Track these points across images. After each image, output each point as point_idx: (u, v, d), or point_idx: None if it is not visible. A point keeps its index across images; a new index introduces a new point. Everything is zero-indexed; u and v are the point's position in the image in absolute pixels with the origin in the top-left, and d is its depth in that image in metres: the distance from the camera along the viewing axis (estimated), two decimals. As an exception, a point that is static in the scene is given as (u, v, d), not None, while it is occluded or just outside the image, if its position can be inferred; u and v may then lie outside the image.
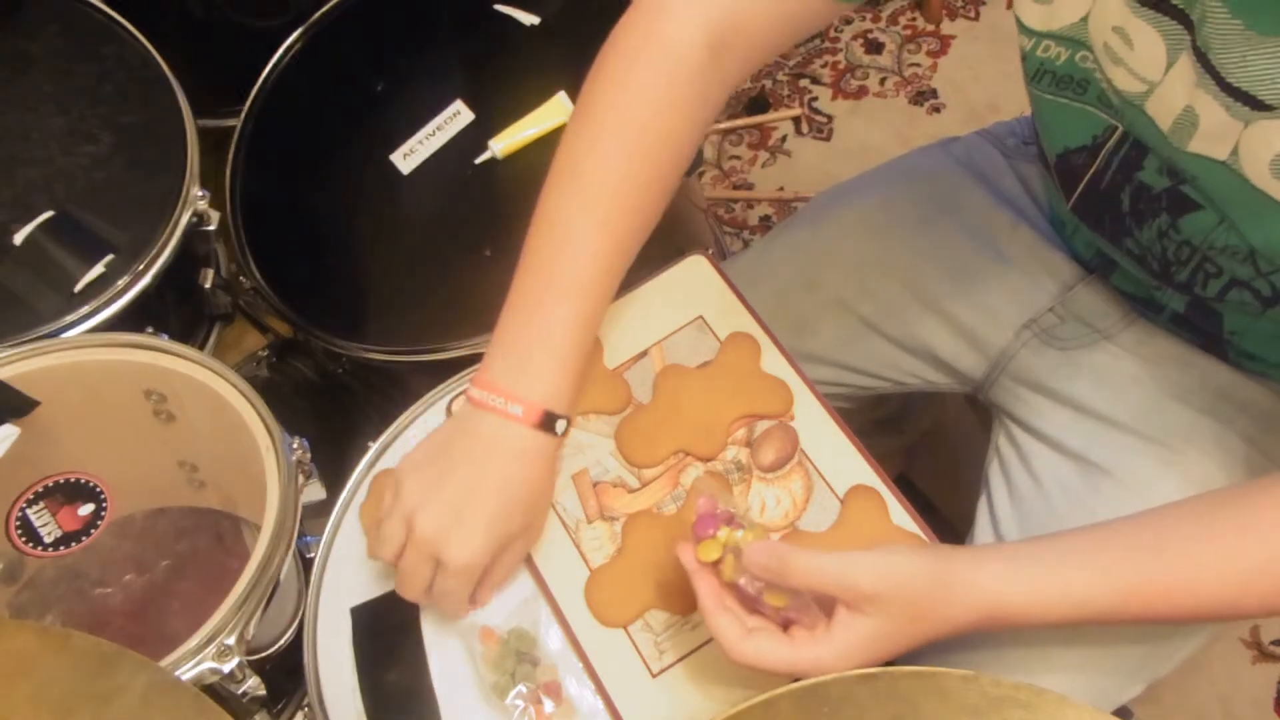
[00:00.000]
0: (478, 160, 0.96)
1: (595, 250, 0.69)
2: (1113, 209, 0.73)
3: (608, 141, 0.69)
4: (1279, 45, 0.55)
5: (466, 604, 0.70)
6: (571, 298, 0.68)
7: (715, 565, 0.62)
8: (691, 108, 0.71)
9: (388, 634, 0.72)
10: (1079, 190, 0.75)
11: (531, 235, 0.70)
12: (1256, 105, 0.57)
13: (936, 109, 1.70)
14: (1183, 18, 0.59)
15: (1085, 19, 0.65)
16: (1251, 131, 0.58)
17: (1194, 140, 0.62)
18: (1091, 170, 0.73)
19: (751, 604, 0.62)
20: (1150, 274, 0.74)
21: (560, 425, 0.68)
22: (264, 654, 0.75)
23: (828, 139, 1.70)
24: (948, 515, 1.14)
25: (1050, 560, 0.61)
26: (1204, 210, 0.65)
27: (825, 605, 0.60)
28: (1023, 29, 0.69)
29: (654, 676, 0.69)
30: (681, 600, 0.71)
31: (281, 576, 0.71)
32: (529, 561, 0.73)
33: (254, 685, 0.71)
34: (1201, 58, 0.58)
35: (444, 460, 0.68)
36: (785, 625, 0.61)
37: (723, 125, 1.70)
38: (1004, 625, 0.60)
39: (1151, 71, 0.63)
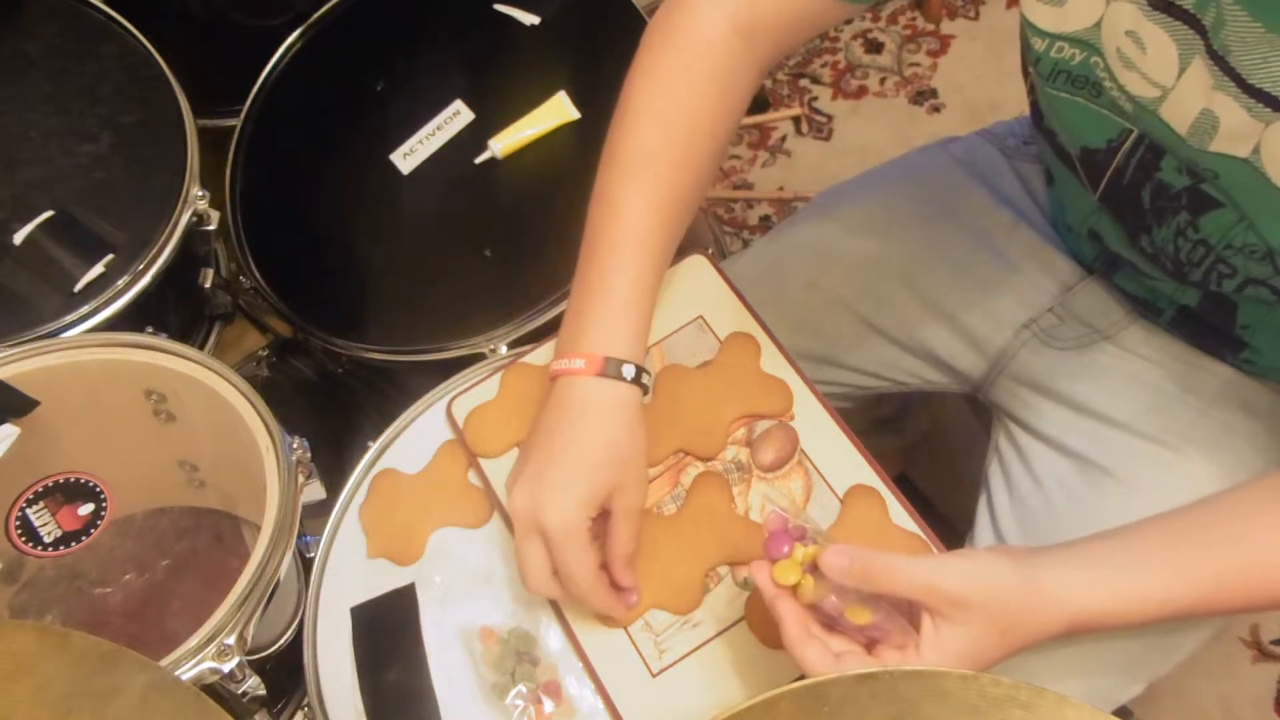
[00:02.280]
0: (477, 160, 0.96)
1: (637, 210, 0.72)
2: (1136, 204, 0.73)
3: (643, 124, 0.73)
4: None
5: (605, 587, 0.67)
6: (619, 253, 0.71)
7: (792, 589, 0.59)
8: (718, 89, 0.74)
9: (388, 634, 0.72)
10: (1103, 183, 0.75)
11: (588, 221, 0.74)
12: (1278, 106, 0.57)
13: (936, 109, 1.70)
14: (1194, 22, 0.59)
15: (1098, 24, 0.65)
16: (1273, 131, 0.58)
17: (1215, 141, 0.61)
18: (1112, 168, 0.73)
19: (833, 625, 0.59)
20: (1164, 273, 0.74)
21: (628, 370, 0.68)
22: (264, 654, 0.75)
23: (828, 139, 1.70)
24: (948, 515, 1.14)
25: (1129, 566, 0.60)
26: (1224, 209, 0.65)
27: (910, 620, 0.58)
28: (1035, 31, 0.69)
29: (654, 676, 0.69)
30: (681, 600, 0.71)
31: (281, 576, 0.71)
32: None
33: (254, 685, 0.71)
34: (1220, 61, 0.58)
35: (530, 439, 0.70)
36: (869, 645, 0.59)
37: (723, 125, 1.71)
38: (1086, 631, 0.60)
39: (1164, 76, 0.62)
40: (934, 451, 1.29)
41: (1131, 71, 0.64)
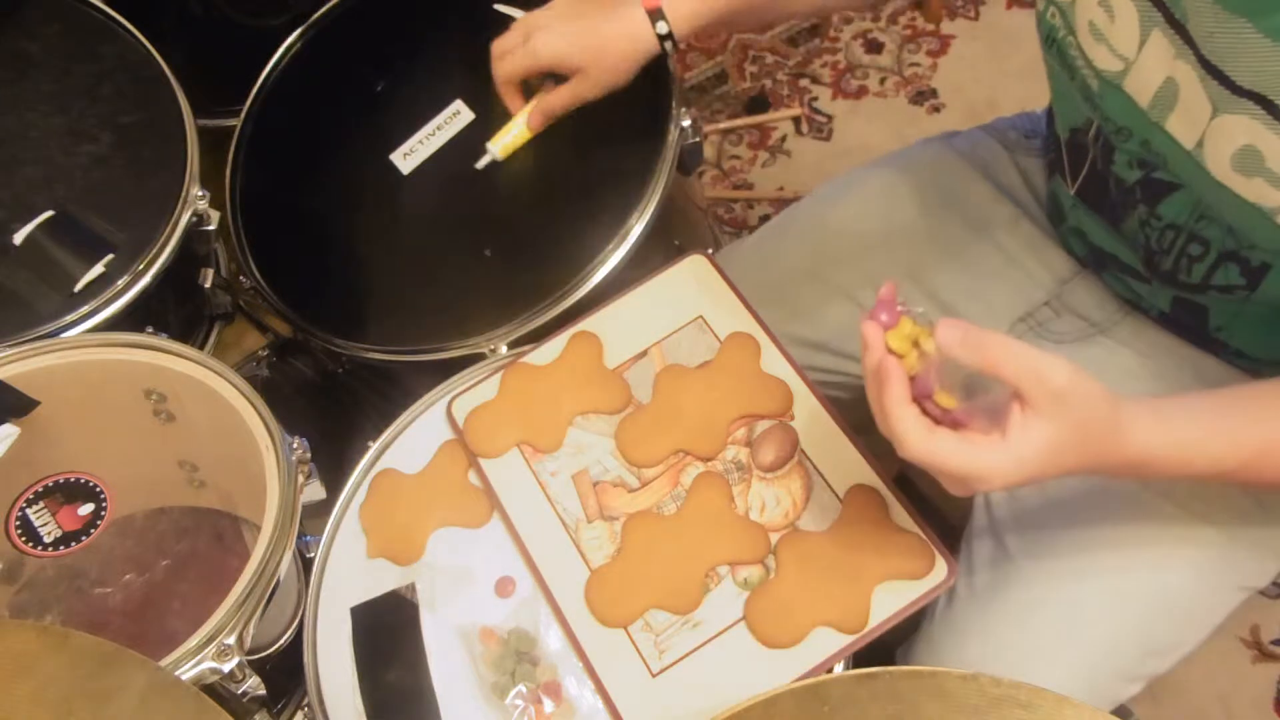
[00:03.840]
0: (479, 164, 0.96)
1: None
2: (1106, 196, 0.74)
3: None
4: (1241, 26, 0.56)
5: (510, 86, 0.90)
6: None
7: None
8: None
9: (388, 634, 0.72)
10: (1083, 173, 0.76)
11: None
12: (1230, 87, 0.58)
13: (936, 109, 1.70)
14: None
15: None
16: (1216, 124, 0.59)
17: (1173, 116, 0.63)
18: (1090, 157, 0.74)
19: (920, 402, 0.58)
20: (1142, 265, 0.75)
21: (662, 26, 0.84)
22: (264, 654, 0.75)
23: (828, 139, 1.69)
24: (947, 515, 1.14)
25: (1194, 422, 0.61)
26: (1181, 189, 0.66)
27: (996, 415, 0.57)
28: None
29: (654, 676, 0.69)
30: (681, 600, 0.71)
31: (281, 576, 0.71)
32: (529, 561, 0.73)
33: (254, 685, 0.71)
34: (1180, 29, 0.60)
35: None
36: (952, 428, 0.58)
37: (722, 125, 1.70)
38: (1147, 475, 0.61)
39: (1128, 47, 0.64)
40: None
41: (1100, 45, 0.66)
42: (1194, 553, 0.74)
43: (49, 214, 0.88)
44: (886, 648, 0.73)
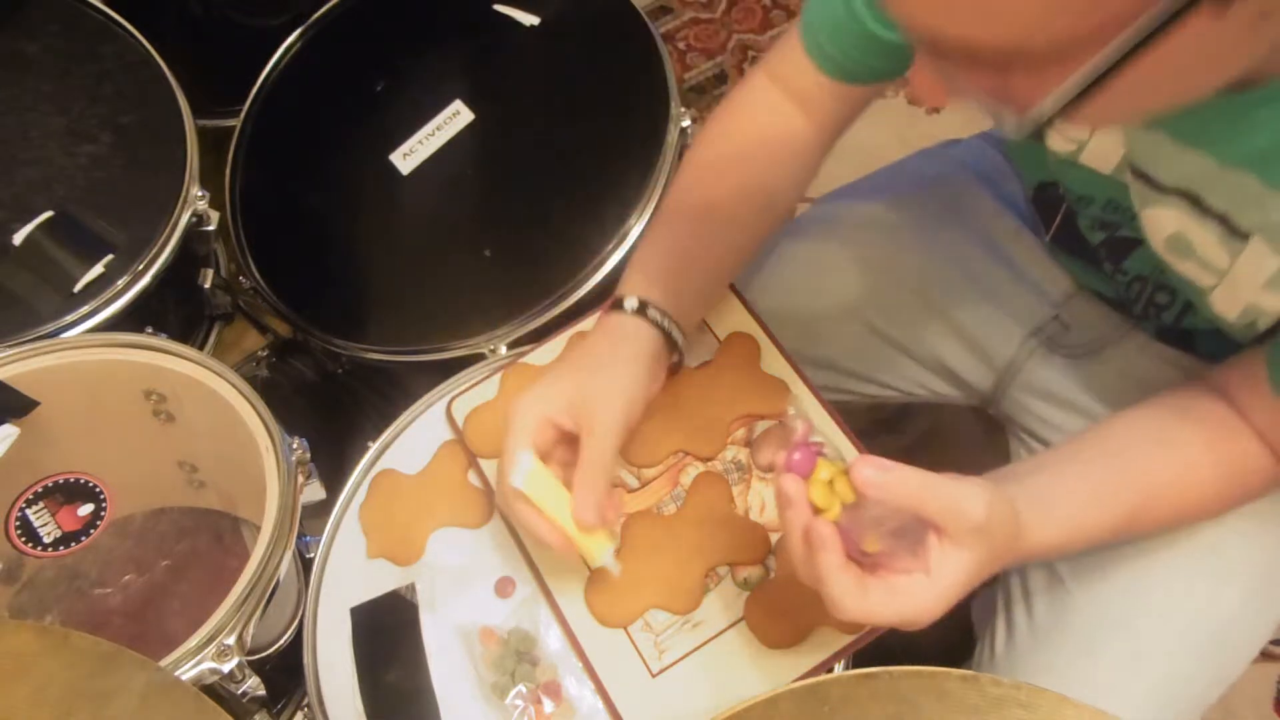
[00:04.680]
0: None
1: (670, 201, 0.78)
2: (1079, 243, 0.75)
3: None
4: (1160, 138, 0.57)
5: (520, 501, 0.67)
6: (654, 226, 0.78)
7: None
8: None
9: (388, 634, 0.72)
10: (1055, 224, 0.77)
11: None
12: (1152, 185, 0.60)
13: (936, 109, 1.69)
14: None
15: None
16: (1146, 214, 0.61)
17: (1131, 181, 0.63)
18: (1063, 206, 0.74)
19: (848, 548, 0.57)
20: (1118, 304, 0.77)
21: (629, 303, 0.71)
22: (264, 654, 0.75)
23: (827, 139, 1.70)
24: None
25: (1070, 496, 0.63)
26: (1143, 244, 0.66)
27: (913, 547, 0.56)
28: None
29: (654, 676, 0.69)
30: (681, 600, 0.71)
31: (281, 576, 0.71)
32: (529, 561, 0.73)
33: (254, 685, 0.71)
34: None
35: None
36: (870, 569, 0.57)
37: (723, 125, 1.70)
38: (1051, 558, 0.64)
39: (1078, 133, 0.65)
40: (934, 453, 1.29)
41: (1052, 131, 0.66)
42: (1243, 572, 0.73)
43: (49, 214, 0.88)
44: (887, 648, 0.72)
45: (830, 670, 0.68)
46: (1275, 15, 0.42)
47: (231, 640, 0.68)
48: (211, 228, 0.92)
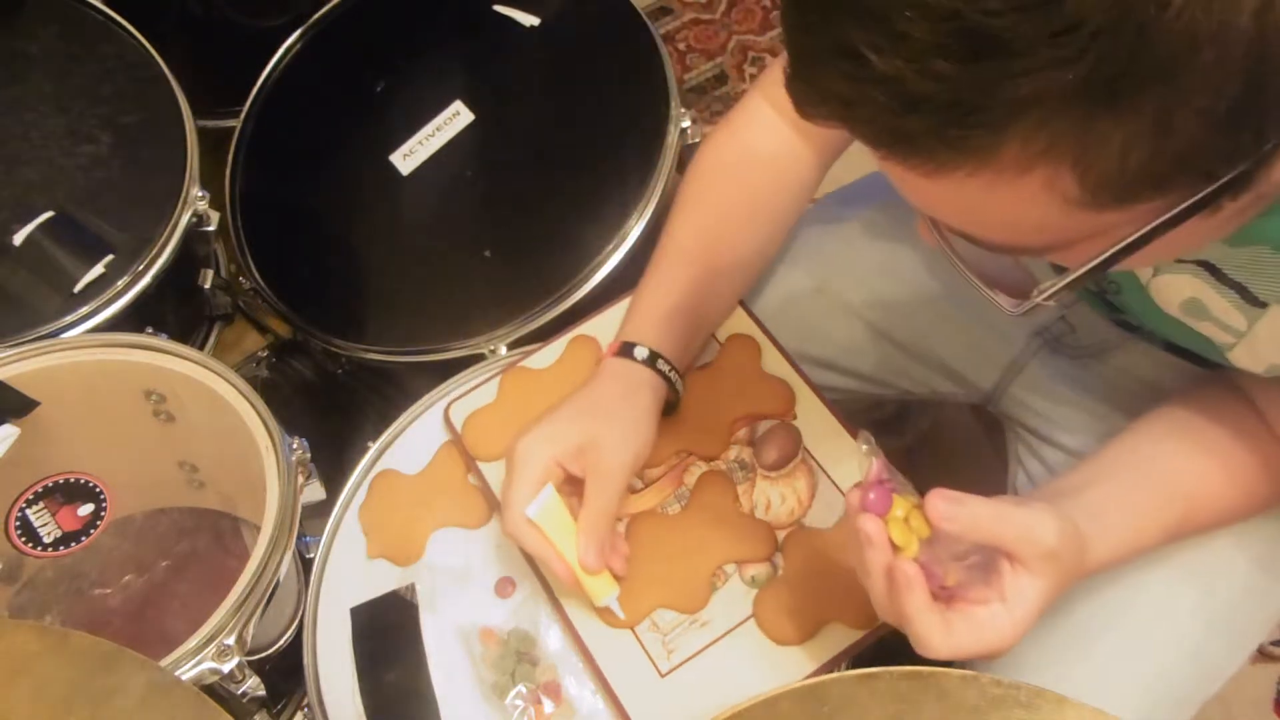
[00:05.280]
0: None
1: (674, 233, 0.78)
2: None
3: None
4: None
5: (530, 531, 0.68)
6: (657, 265, 0.78)
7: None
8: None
9: (388, 634, 0.72)
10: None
11: None
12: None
13: (936, 109, 1.70)
14: None
15: None
16: (1155, 282, 0.62)
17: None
18: None
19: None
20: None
21: (639, 351, 0.73)
22: (264, 654, 0.75)
23: (827, 139, 1.70)
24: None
25: (1126, 514, 0.63)
26: (1146, 314, 0.67)
27: (987, 576, 0.56)
28: None
29: (663, 677, 0.69)
30: (688, 599, 0.71)
31: (281, 576, 0.71)
32: (529, 561, 0.73)
33: (254, 685, 0.71)
34: None
35: None
36: (947, 601, 0.57)
37: (722, 126, 1.71)
38: (1109, 569, 0.63)
39: None
40: (934, 452, 1.29)
41: None
42: (1238, 569, 0.73)
43: (49, 214, 0.88)
44: (887, 648, 0.72)
45: (843, 665, 0.68)
46: (1266, 195, 0.45)
47: (231, 640, 0.68)
48: (211, 228, 0.92)
